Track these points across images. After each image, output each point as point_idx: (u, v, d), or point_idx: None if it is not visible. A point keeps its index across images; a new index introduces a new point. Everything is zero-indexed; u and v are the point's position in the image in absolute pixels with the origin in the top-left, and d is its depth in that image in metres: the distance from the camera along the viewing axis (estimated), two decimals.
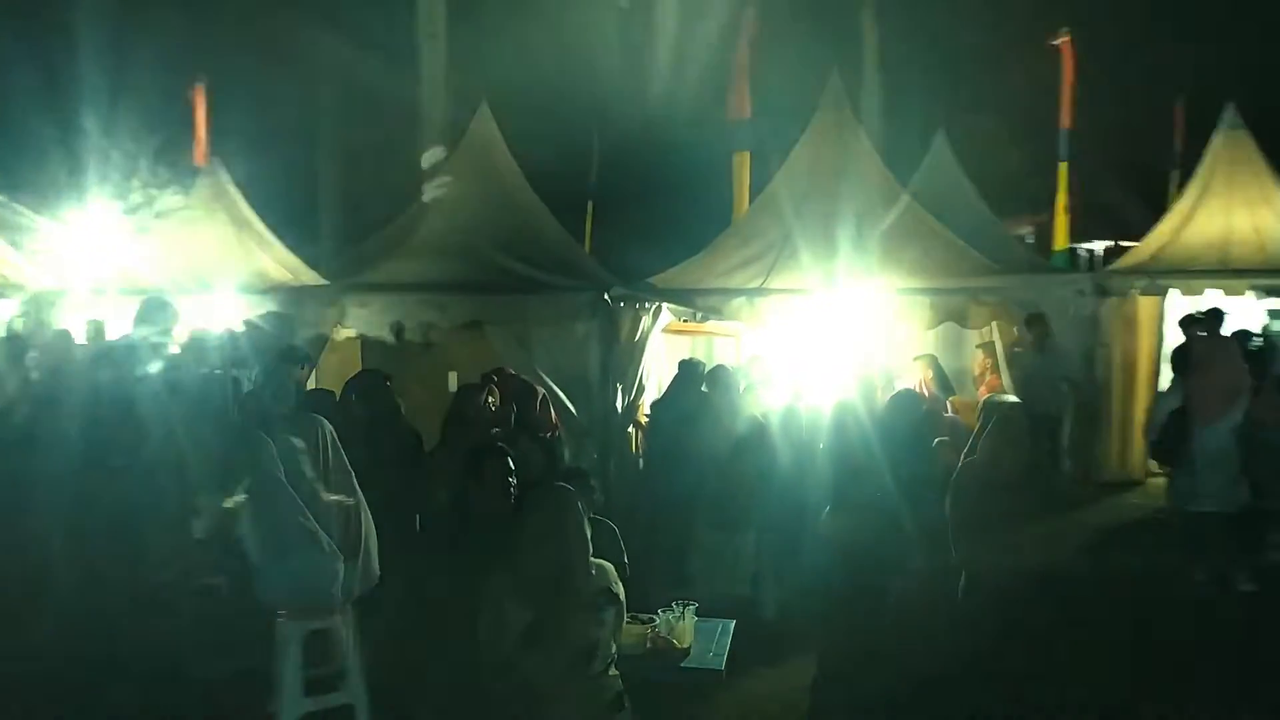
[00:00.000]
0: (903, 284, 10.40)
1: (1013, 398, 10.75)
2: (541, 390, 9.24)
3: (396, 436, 6.62)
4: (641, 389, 10.12)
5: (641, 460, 9.90)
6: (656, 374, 10.48)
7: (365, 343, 11.62)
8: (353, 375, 7.97)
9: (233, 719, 4.34)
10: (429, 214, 12.81)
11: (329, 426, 4.54)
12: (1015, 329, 11.36)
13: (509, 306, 10.02)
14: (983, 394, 11.35)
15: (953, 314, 10.37)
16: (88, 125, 17.09)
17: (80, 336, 10.92)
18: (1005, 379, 11.58)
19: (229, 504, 4.79)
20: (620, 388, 9.81)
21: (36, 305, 12.56)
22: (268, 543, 4.09)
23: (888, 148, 14.85)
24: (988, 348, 11.96)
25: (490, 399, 7.50)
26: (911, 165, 15.25)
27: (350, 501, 4.85)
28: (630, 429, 10.36)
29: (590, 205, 17.75)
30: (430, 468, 5.82)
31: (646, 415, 9.89)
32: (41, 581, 5.61)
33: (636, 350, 9.97)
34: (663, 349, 11.02)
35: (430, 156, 16.68)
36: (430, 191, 12.78)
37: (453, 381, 10.57)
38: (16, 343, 10.51)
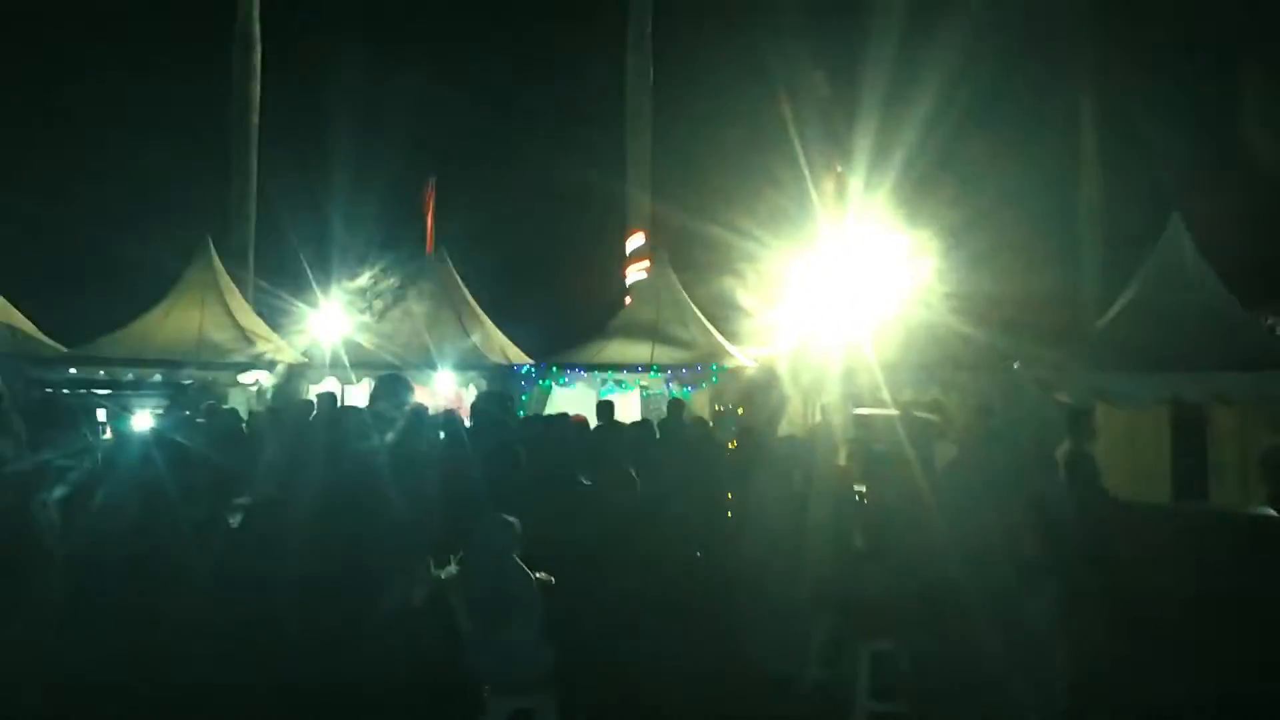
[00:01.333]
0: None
1: None
2: None
3: None
4: None
5: None
6: None
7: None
8: None
9: None
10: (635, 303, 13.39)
11: None
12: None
13: None
14: None
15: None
16: (334, 220, 19.14)
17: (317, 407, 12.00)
18: None
19: (441, 574, 5.03)
20: None
21: (288, 377, 13.92)
22: (485, 616, 4.23)
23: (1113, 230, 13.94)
24: None
25: None
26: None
27: (551, 580, 4.98)
28: None
29: None
30: None
31: None
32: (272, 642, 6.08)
33: None
34: None
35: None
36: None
37: None
38: (272, 411, 11.72)
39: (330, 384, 13.65)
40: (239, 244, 17.69)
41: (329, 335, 14.78)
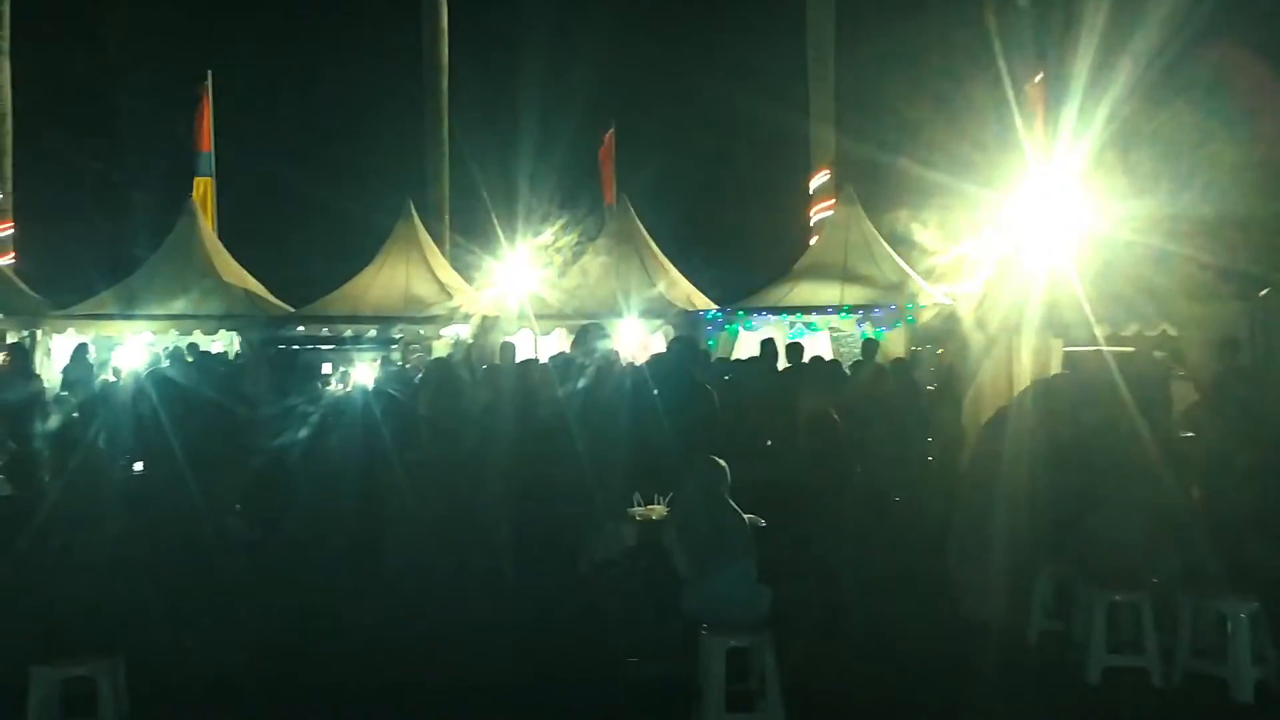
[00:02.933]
0: None
1: None
2: None
3: None
4: None
5: None
6: None
7: None
8: None
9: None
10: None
11: None
12: None
13: None
14: None
15: None
16: (519, 174, 19.69)
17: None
18: None
19: (655, 514, 5.14)
20: None
21: (484, 329, 14.60)
22: (699, 556, 4.29)
23: None
24: None
25: None
26: None
27: (763, 522, 4.97)
28: None
29: None
30: None
31: None
32: (492, 575, 6.45)
33: None
34: None
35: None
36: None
37: None
38: (470, 363, 12.37)
39: (523, 336, 14.20)
40: (434, 202, 18.59)
41: (519, 288, 15.34)
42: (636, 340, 13.77)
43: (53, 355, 13.05)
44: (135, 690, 4.11)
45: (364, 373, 12.11)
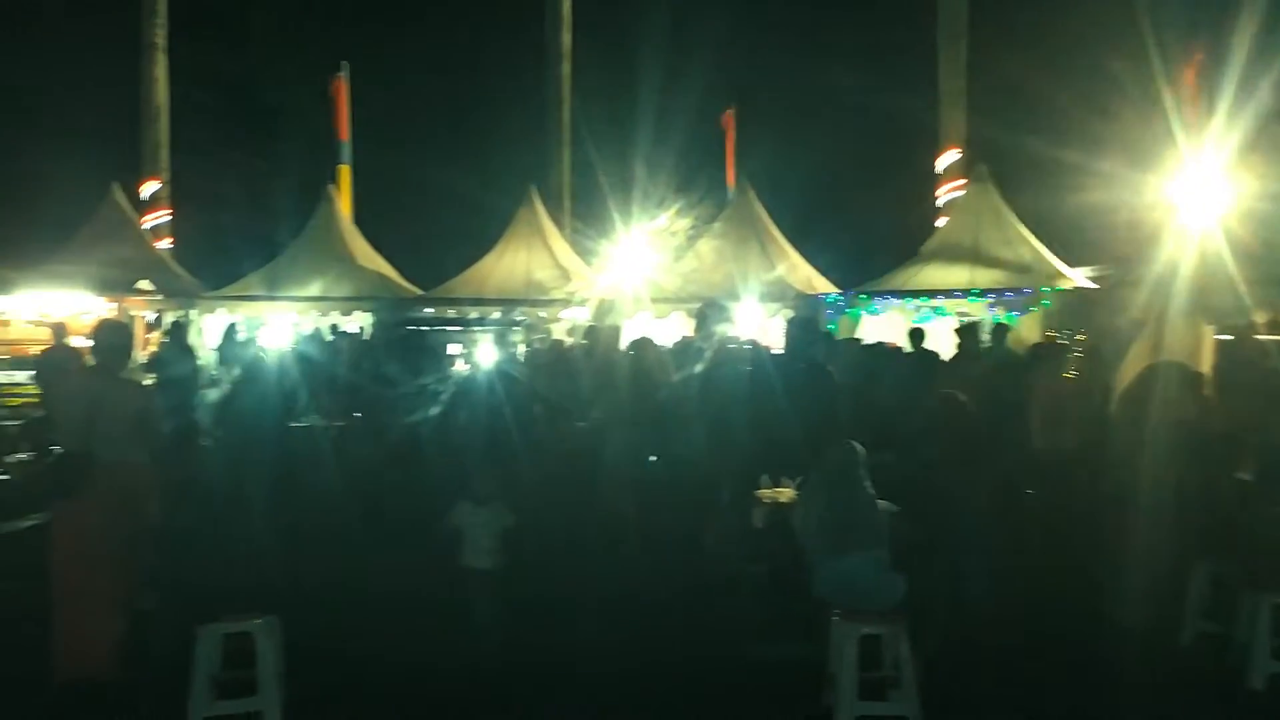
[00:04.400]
0: None
1: None
2: None
3: None
4: None
5: None
6: None
7: None
8: None
9: (787, 704, 4.54)
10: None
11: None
12: None
13: None
14: None
15: None
16: (639, 158, 19.78)
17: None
18: None
19: (783, 496, 5.09)
20: None
21: (601, 312, 14.76)
22: (831, 539, 4.23)
23: None
24: None
25: None
26: None
27: (895, 508, 4.85)
28: None
29: None
30: None
31: None
32: (609, 558, 6.53)
33: None
34: None
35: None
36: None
37: None
38: (588, 346, 12.55)
39: (641, 319, 14.29)
40: (555, 188, 18.89)
41: (637, 272, 15.43)
42: (755, 324, 13.66)
43: (204, 334, 13.96)
44: (289, 647, 4.35)
45: (487, 353, 12.46)
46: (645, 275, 15.29)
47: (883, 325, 12.41)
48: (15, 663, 4.67)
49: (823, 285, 14.73)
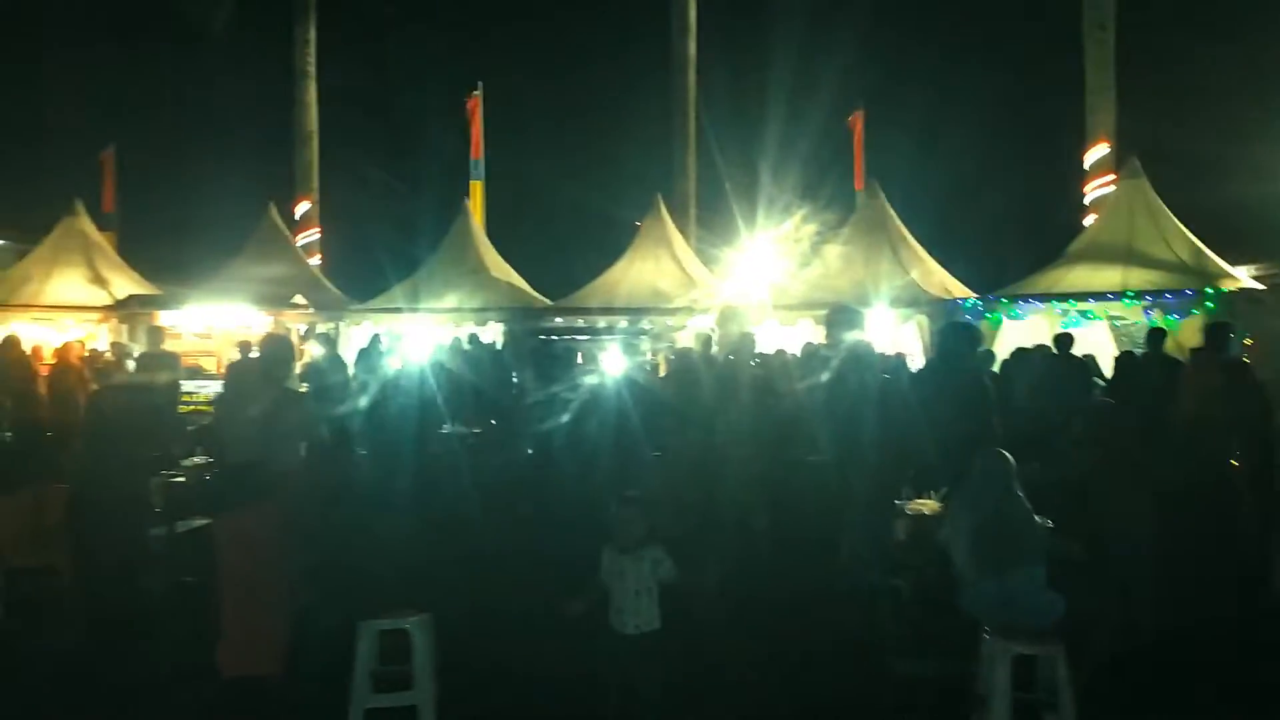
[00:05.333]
0: None
1: None
2: None
3: None
4: None
5: None
6: None
7: None
8: None
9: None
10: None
11: None
12: None
13: None
14: None
15: None
16: (766, 164, 19.65)
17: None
18: None
19: (927, 508, 4.95)
20: None
21: (725, 320, 14.71)
22: (987, 555, 4.07)
23: None
24: None
25: None
26: None
27: (1049, 523, 4.64)
28: None
29: None
30: None
31: None
32: (739, 564, 6.48)
33: None
34: None
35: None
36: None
37: None
38: (706, 354, 12.55)
39: (768, 326, 14.17)
40: (680, 195, 18.99)
41: (763, 278, 15.30)
42: (887, 330, 13.32)
43: (351, 345, 14.70)
44: (443, 643, 4.53)
45: (615, 362, 12.63)
46: (771, 282, 15.16)
47: (1025, 330, 11.87)
48: (187, 656, 4.97)
49: (959, 290, 14.22)
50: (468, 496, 7.64)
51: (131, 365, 9.79)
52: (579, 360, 12.86)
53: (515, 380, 11.39)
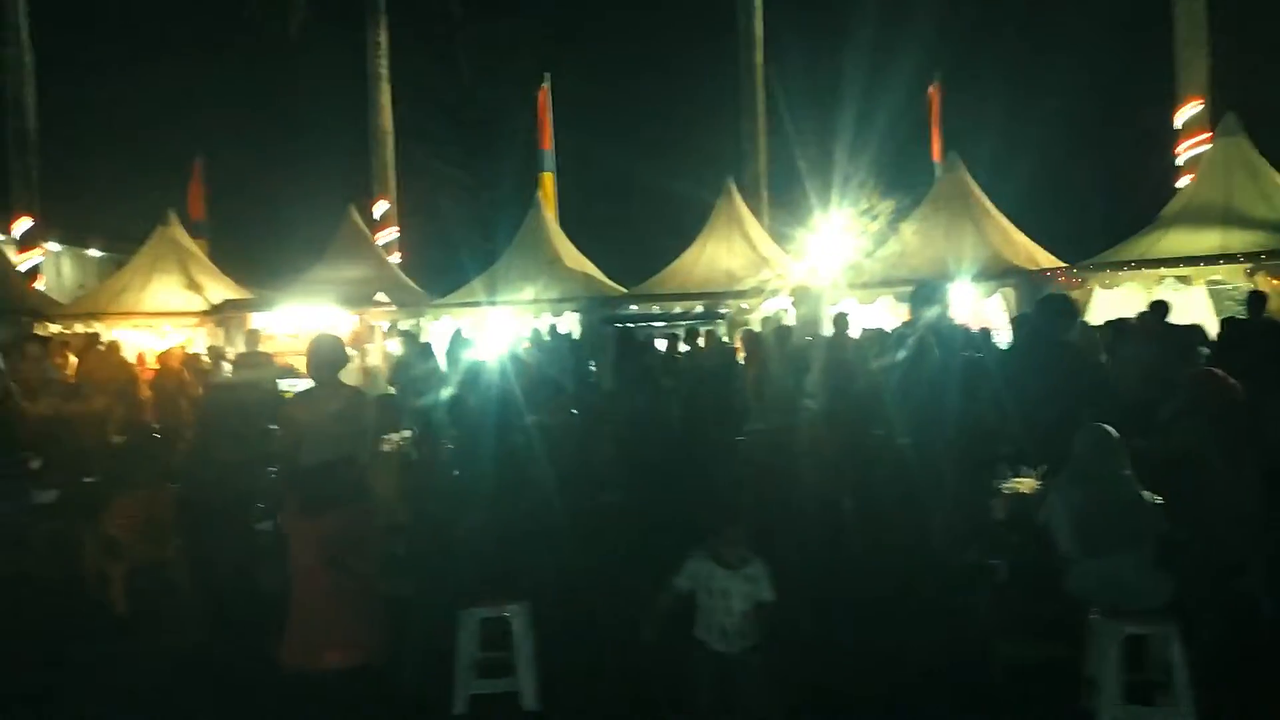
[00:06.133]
0: None
1: None
2: None
3: None
4: None
5: None
6: None
7: None
8: None
9: (1043, 707, 4.30)
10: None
11: None
12: None
13: None
14: None
15: None
16: (839, 140, 19.30)
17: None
18: None
19: (1025, 486, 4.82)
20: None
21: (801, 300, 14.55)
22: (1093, 535, 3.95)
23: None
24: None
25: None
26: None
27: (1158, 500, 4.47)
28: None
29: None
30: None
31: None
32: (831, 549, 6.41)
33: None
34: None
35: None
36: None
37: None
38: (785, 332, 12.43)
39: (846, 305, 13.96)
40: (751, 176, 18.80)
41: (839, 257, 15.06)
42: (970, 305, 12.98)
43: (432, 339, 15.02)
44: (541, 631, 4.62)
45: (690, 347, 12.61)
46: (847, 260, 14.92)
47: (1118, 300, 11.43)
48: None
49: (1046, 260, 13.76)
50: (551, 486, 7.77)
51: (228, 367, 10.21)
52: (656, 346, 12.95)
53: (593, 369, 11.50)
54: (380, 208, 19.88)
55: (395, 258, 18.93)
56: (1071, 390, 5.09)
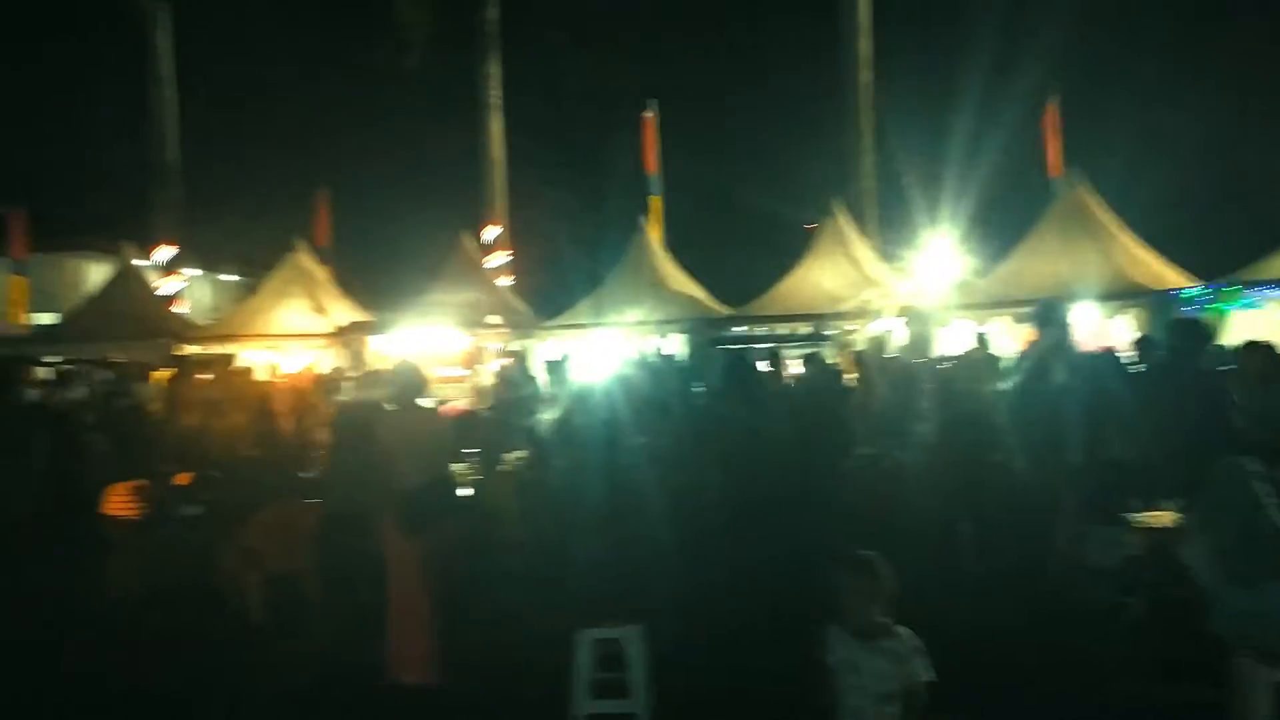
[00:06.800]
0: None
1: None
2: None
3: None
4: None
5: None
6: None
7: None
8: None
9: None
10: None
11: None
12: None
13: None
14: None
15: None
16: (948, 158, 18.87)
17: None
18: None
19: (1161, 520, 4.59)
20: None
21: (911, 321, 14.22)
22: (1238, 571, 3.72)
23: None
24: None
25: None
26: None
27: None
28: None
29: None
30: None
31: None
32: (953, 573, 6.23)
33: None
34: None
35: None
36: None
37: None
38: (893, 354, 12.18)
39: (960, 327, 13.58)
40: (857, 195, 18.55)
41: (951, 276, 14.68)
42: (1092, 326, 12.43)
43: (540, 361, 15.33)
44: (654, 652, 4.65)
45: (798, 370, 12.49)
46: (958, 279, 14.54)
47: (1261, 321, 10.75)
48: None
49: (1176, 279, 13.08)
50: (660, 508, 7.81)
51: (353, 386, 10.66)
52: (763, 368, 12.87)
53: (698, 392, 11.52)
54: (491, 232, 20.48)
55: (505, 281, 19.44)
56: (1205, 419, 4.85)
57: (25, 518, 5.85)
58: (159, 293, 17.97)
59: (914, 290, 15.01)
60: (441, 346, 14.05)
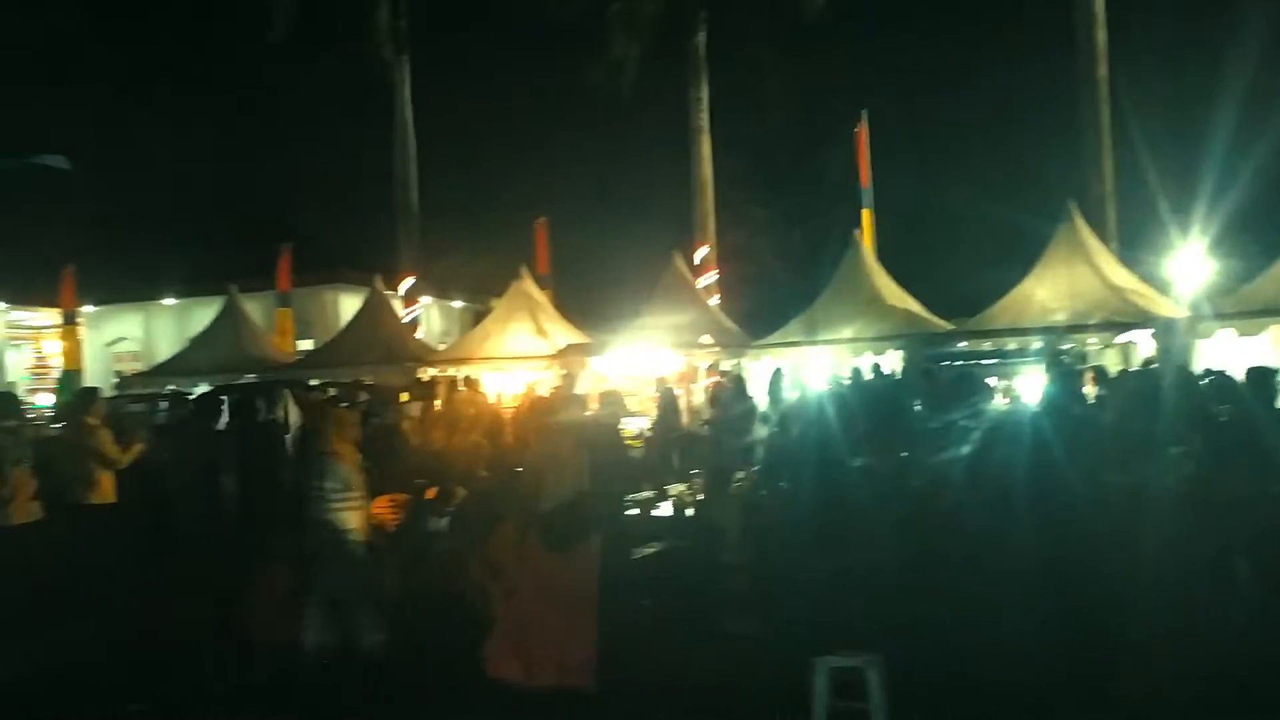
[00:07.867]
0: None
1: None
2: None
3: None
4: None
5: None
6: None
7: None
8: None
9: None
10: None
11: None
12: None
13: None
14: None
15: None
16: (1199, 151, 17.13)
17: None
18: None
19: None
20: None
21: (1163, 333, 12.99)
22: None
23: None
24: None
25: None
26: None
27: None
28: None
29: None
30: None
31: None
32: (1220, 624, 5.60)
33: None
34: None
35: None
36: None
37: None
38: (1145, 369, 11.13)
39: (1223, 338, 12.27)
40: (1098, 200, 17.19)
41: (1208, 283, 13.30)
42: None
43: (753, 379, 15.26)
44: (893, 683, 4.48)
45: (1031, 386, 11.68)
46: (1217, 286, 13.14)
47: None
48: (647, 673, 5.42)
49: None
50: (886, 532, 7.52)
51: (577, 406, 11.10)
52: (982, 385, 12.14)
53: (918, 409, 11.02)
54: (701, 252, 20.73)
55: (715, 300, 19.58)
56: None
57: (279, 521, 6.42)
58: (403, 320, 19.61)
59: (1166, 300, 13.76)
60: (657, 366, 14.35)
